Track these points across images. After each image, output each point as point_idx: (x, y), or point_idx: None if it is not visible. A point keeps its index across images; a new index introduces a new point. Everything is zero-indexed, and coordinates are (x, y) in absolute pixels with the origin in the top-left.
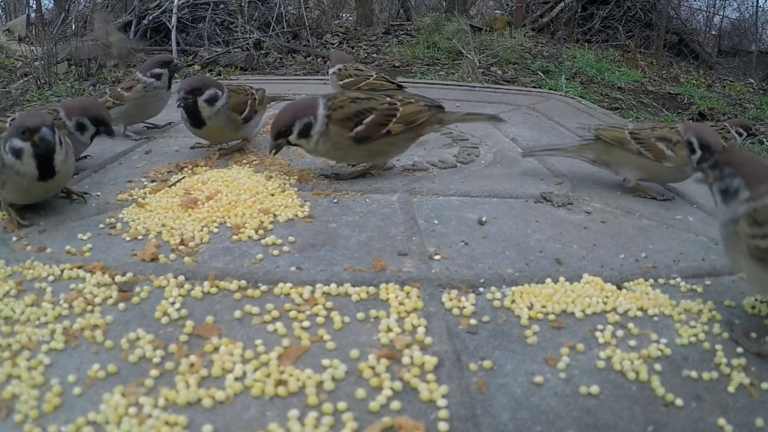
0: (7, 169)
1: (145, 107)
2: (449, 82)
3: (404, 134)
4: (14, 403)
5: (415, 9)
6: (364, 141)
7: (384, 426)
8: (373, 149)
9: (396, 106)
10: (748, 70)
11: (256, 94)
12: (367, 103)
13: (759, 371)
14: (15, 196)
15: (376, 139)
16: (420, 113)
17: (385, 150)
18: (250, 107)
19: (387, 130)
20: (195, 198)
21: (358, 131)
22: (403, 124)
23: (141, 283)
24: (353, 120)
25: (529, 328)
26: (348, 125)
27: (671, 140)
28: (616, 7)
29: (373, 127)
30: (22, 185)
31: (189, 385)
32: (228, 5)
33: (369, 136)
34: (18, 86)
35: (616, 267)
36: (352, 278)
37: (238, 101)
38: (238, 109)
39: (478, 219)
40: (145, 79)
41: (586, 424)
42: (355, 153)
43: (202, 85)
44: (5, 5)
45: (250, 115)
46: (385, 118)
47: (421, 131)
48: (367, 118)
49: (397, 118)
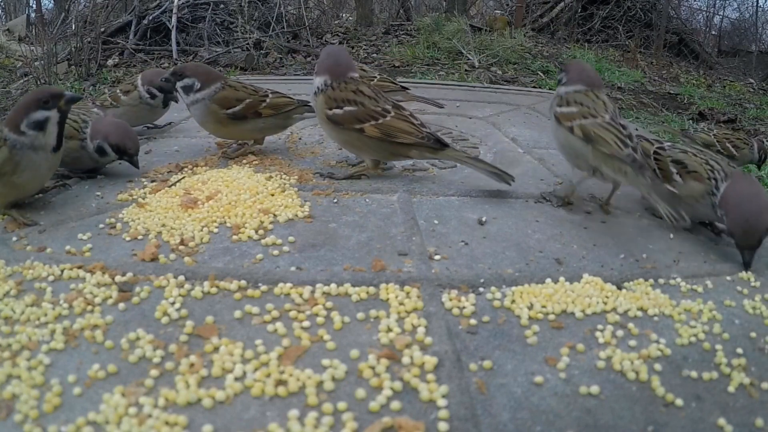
0: (20, 150)
1: (140, 115)
2: (449, 81)
3: (382, 143)
4: (14, 403)
5: (415, 9)
6: (338, 125)
7: (384, 426)
8: (343, 137)
9: (387, 113)
10: (748, 70)
11: (268, 97)
12: (361, 98)
13: (759, 371)
14: (27, 179)
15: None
16: (405, 134)
17: (358, 145)
18: (247, 107)
19: (361, 128)
20: (195, 198)
21: (335, 113)
22: (380, 131)
23: (141, 283)
24: (336, 102)
25: (529, 328)
26: (329, 104)
27: (686, 165)
28: (616, 7)
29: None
30: (38, 162)
31: (189, 385)
32: (228, 5)
33: (341, 122)
34: (18, 86)
35: (616, 267)
36: (352, 278)
37: (226, 96)
38: (225, 104)
39: (478, 219)
40: (141, 90)
41: (586, 424)
42: (330, 133)
43: (184, 72)
44: (5, 5)
45: (242, 114)
46: (366, 115)
47: (406, 151)
48: (349, 107)
49: (377, 123)
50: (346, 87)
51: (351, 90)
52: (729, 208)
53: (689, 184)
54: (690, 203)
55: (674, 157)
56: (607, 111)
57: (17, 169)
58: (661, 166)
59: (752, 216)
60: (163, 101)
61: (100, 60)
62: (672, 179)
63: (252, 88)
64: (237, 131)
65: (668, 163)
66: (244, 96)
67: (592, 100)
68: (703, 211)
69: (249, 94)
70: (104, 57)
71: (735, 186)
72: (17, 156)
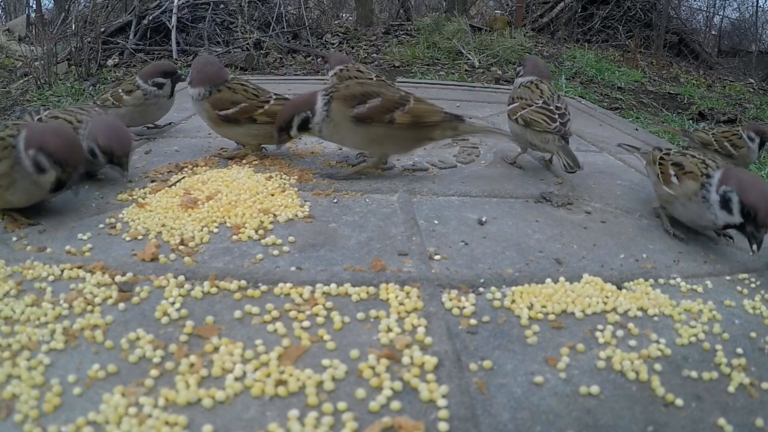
0: (23, 172)
1: (144, 114)
2: (449, 81)
3: (410, 131)
4: (14, 403)
5: (415, 9)
6: (365, 122)
7: (384, 426)
8: (371, 134)
9: (408, 99)
10: (748, 70)
11: (267, 103)
12: (376, 88)
13: (759, 371)
14: (18, 199)
15: (377, 122)
16: (432, 113)
17: (385, 140)
18: (241, 111)
19: (391, 118)
20: (195, 198)
21: (359, 111)
22: (410, 116)
23: (141, 283)
24: (357, 98)
25: (529, 328)
26: (350, 103)
27: (683, 167)
28: (616, 7)
29: (377, 110)
30: (31, 192)
31: (189, 385)
32: (228, 5)
33: (370, 117)
34: (18, 86)
35: (616, 267)
36: (352, 278)
37: (221, 98)
38: (218, 105)
39: (478, 219)
40: (145, 86)
41: (586, 424)
42: (352, 135)
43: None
44: (5, 5)
45: (235, 117)
46: (393, 104)
47: (430, 134)
48: (372, 100)
49: (405, 110)
50: (348, 84)
51: (356, 83)
52: (744, 186)
53: (685, 184)
54: (684, 203)
55: (674, 160)
56: (541, 97)
57: (11, 187)
58: (662, 170)
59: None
60: (172, 87)
61: (100, 60)
62: (670, 181)
63: (254, 91)
64: (231, 133)
65: (668, 166)
66: (241, 99)
67: (532, 91)
68: (696, 210)
69: (247, 98)
70: (104, 57)
71: (737, 172)
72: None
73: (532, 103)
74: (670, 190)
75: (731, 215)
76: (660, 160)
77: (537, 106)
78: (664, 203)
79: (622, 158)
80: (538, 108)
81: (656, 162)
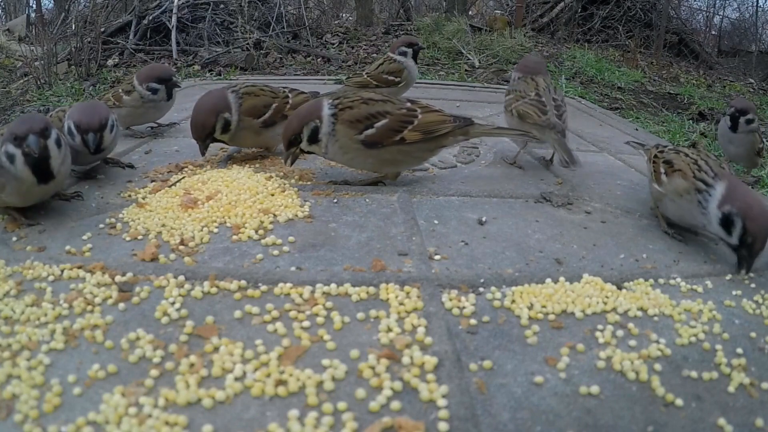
0: (6, 172)
1: (143, 115)
2: (449, 81)
3: (421, 144)
4: (14, 403)
5: (415, 9)
6: (375, 146)
7: (384, 426)
8: (383, 156)
9: (416, 112)
10: (748, 70)
11: (289, 98)
12: (381, 106)
13: (759, 371)
14: (14, 199)
15: (388, 145)
16: (442, 123)
17: (398, 159)
18: (275, 111)
19: (401, 138)
20: (195, 198)
21: (367, 134)
22: (420, 132)
23: (141, 283)
24: (363, 122)
25: (529, 328)
26: (357, 127)
27: (673, 164)
28: (616, 7)
29: (386, 132)
30: (21, 189)
31: (189, 385)
32: (228, 5)
33: (380, 141)
34: (18, 86)
35: (616, 267)
36: (352, 278)
37: (254, 105)
38: (254, 112)
39: (478, 219)
40: (141, 90)
41: (586, 424)
42: (363, 159)
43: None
44: (5, 5)
45: (272, 120)
46: (401, 123)
47: (442, 142)
48: (380, 122)
49: (414, 125)
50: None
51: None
52: (751, 215)
53: (673, 181)
54: (673, 199)
55: (666, 158)
56: (536, 90)
57: (4, 190)
58: (655, 168)
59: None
60: (167, 93)
61: (100, 60)
62: (660, 179)
63: (271, 90)
64: (268, 138)
65: (660, 164)
66: (269, 101)
67: (527, 84)
68: (686, 207)
69: (273, 97)
70: (104, 57)
71: (742, 192)
72: (2, 177)
73: (525, 95)
74: (660, 187)
75: (729, 236)
76: (654, 158)
77: (530, 98)
78: (656, 200)
79: (622, 158)
80: (530, 101)
81: (651, 159)
